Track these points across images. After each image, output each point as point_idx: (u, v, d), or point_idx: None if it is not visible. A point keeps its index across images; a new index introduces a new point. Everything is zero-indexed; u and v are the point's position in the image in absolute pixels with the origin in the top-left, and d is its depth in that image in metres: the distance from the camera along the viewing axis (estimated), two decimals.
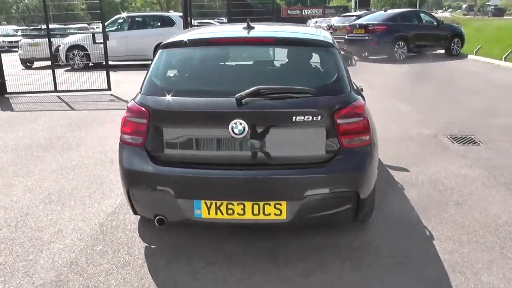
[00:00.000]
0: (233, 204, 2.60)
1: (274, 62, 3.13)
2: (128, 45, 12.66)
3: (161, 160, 2.69)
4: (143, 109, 2.69)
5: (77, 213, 3.65)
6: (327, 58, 2.87)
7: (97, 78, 9.07)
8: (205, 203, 2.62)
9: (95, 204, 3.81)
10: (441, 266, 2.80)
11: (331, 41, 2.96)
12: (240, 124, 2.53)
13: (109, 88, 8.93)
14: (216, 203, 2.61)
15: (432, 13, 25.06)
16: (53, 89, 8.80)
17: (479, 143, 5.34)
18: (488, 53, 15.28)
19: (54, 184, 4.26)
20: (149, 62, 2.81)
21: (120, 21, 13.72)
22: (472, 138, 5.54)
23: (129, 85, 10.00)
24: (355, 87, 2.92)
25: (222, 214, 2.62)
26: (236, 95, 2.54)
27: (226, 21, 18.63)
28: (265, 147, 2.62)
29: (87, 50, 12.41)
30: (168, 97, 2.71)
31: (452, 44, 15.38)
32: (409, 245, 3.05)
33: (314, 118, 2.57)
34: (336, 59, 2.86)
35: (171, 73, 3.04)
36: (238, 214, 2.62)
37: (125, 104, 8.66)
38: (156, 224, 2.77)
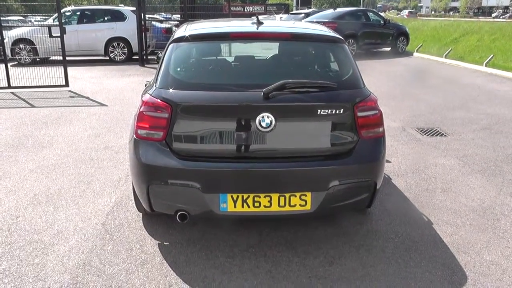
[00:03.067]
0: (259, 197, 2.63)
1: (291, 56, 3.18)
2: (79, 40, 12.10)
3: (185, 155, 2.66)
4: (165, 103, 2.64)
5: (73, 213, 3.50)
6: (340, 53, 2.97)
7: (50, 74, 8.59)
8: (232, 196, 2.63)
9: (89, 204, 3.67)
10: (446, 247, 3.01)
11: (342, 38, 3.07)
12: (268, 117, 2.57)
13: (67, 84, 8.51)
14: (243, 196, 2.63)
15: None
16: (7, 85, 8.24)
17: (445, 135, 5.72)
18: (428, 51, 16.33)
19: (38, 185, 4.04)
20: (101, 58, 2.65)
21: (67, 14, 13.05)
22: (438, 130, 5.92)
23: (85, 81, 9.63)
24: None
25: (249, 207, 2.65)
26: (264, 89, 2.57)
27: (170, 17, 18.34)
28: (290, 140, 2.67)
29: (34, 44, 11.68)
30: (192, 91, 2.68)
31: (398, 42, 16.21)
32: (412, 230, 3.24)
33: (337, 111, 2.66)
34: (348, 55, 2.98)
35: (188, 66, 2.99)
36: (264, 206, 2.65)
37: (86, 101, 8.25)
38: (178, 219, 2.74)
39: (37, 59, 11.69)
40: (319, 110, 2.63)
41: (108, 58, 12.74)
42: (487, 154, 4.96)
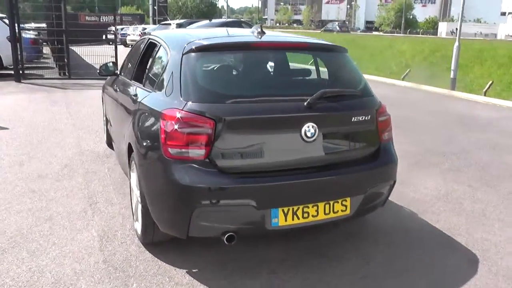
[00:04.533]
0: (308, 207, 2.65)
1: (309, 66, 3.24)
2: None
3: (232, 172, 2.52)
4: (206, 117, 2.47)
5: (57, 255, 2.99)
6: (348, 63, 3.14)
7: None
8: (283, 210, 2.59)
9: (70, 241, 3.17)
10: (442, 233, 3.41)
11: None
12: (313, 127, 2.60)
13: None
14: (293, 209, 2.61)
15: None
16: None
17: None
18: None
19: None
20: None
21: None
22: None
23: None
24: None
25: (298, 218, 2.64)
26: (309, 99, 2.60)
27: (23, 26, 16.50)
28: (331, 147, 2.76)
29: None
30: (233, 104, 2.55)
31: None
32: (406, 222, 3.59)
33: (366, 118, 2.84)
34: (354, 64, 3.17)
35: (215, 78, 2.83)
36: (312, 216, 2.67)
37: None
38: (225, 242, 2.57)
39: None
40: (353, 118, 2.77)
41: None
42: (412, 149, 5.68)
